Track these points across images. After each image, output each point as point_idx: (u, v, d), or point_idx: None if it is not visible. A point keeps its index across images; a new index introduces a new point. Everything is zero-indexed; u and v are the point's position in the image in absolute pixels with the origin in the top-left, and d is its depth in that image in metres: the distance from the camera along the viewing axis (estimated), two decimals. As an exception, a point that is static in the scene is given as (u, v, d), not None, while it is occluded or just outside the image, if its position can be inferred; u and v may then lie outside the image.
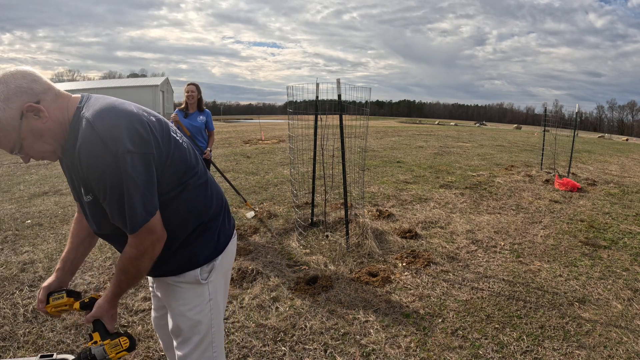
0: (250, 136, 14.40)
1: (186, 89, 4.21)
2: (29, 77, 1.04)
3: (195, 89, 4.23)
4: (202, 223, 1.30)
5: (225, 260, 1.38)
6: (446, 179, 7.11)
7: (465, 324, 2.58)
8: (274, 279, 3.16)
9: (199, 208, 1.28)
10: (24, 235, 4.12)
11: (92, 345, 1.17)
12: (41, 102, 1.05)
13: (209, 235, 1.32)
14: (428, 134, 17.19)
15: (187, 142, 1.31)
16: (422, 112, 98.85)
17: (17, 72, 1.04)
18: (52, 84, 1.10)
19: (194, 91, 4.21)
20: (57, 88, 1.11)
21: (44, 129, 1.06)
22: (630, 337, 2.46)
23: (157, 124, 1.15)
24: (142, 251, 1.13)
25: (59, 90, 1.11)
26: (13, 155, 10.97)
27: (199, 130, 4.25)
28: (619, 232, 4.47)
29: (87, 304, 1.28)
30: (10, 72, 1.03)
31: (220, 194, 1.39)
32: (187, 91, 4.20)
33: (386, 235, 4.14)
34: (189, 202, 1.24)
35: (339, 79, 3.49)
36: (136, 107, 1.15)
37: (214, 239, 1.33)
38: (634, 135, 52.35)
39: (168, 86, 43.56)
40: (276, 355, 2.26)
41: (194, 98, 4.21)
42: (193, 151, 1.30)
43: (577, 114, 8.35)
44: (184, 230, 1.27)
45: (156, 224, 1.13)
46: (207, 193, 1.31)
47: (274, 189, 6.14)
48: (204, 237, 1.31)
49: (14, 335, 2.38)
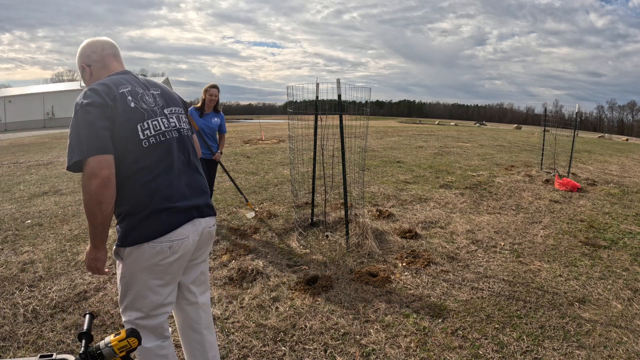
0: (250, 136, 14.40)
1: (210, 92, 4.15)
2: (94, 47, 1.58)
3: (218, 93, 4.22)
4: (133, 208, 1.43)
5: (146, 259, 1.43)
6: (446, 179, 7.11)
7: (465, 324, 2.58)
8: (274, 279, 3.16)
9: (135, 180, 1.42)
10: (24, 235, 4.12)
11: (100, 342, 1.17)
12: (91, 66, 1.58)
13: (133, 223, 1.42)
14: (428, 134, 17.19)
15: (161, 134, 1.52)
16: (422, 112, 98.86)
17: (91, 42, 1.59)
18: (109, 59, 1.59)
19: (217, 95, 4.20)
20: (112, 63, 1.59)
21: (88, 80, 1.59)
22: (630, 337, 2.46)
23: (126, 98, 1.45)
24: (87, 193, 1.32)
25: (111, 64, 1.59)
26: (13, 155, 10.95)
27: (213, 132, 4.25)
28: (619, 232, 4.47)
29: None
30: (90, 41, 1.60)
31: (159, 194, 1.45)
32: (211, 94, 4.15)
33: (386, 235, 4.14)
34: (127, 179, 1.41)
35: (339, 79, 3.49)
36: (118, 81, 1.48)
37: (135, 229, 1.42)
38: (634, 135, 52.35)
39: (168, 86, 43.55)
40: (276, 355, 2.26)
41: (214, 102, 4.21)
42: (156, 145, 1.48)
43: (577, 114, 8.35)
44: (122, 204, 1.43)
45: (96, 168, 1.30)
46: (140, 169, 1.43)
47: (274, 189, 6.14)
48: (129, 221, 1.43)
49: (14, 335, 2.38)
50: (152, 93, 1.58)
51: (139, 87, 1.54)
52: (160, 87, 1.66)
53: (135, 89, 1.51)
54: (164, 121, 1.53)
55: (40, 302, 2.78)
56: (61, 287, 2.99)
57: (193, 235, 1.52)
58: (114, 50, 1.61)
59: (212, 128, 4.19)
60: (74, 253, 3.64)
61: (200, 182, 1.63)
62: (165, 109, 1.59)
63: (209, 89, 4.16)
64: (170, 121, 1.57)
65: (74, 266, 3.36)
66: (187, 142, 1.62)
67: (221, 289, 3.00)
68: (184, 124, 1.65)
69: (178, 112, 1.65)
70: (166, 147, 1.50)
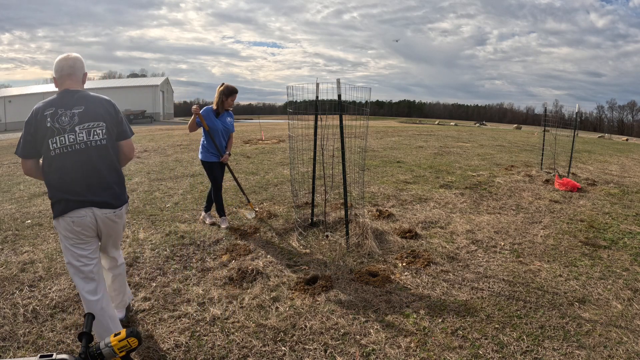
0: (250, 136, 14.39)
1: (233, 97, 4.12)
2: (57, 67, 2.13)
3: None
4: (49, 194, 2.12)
5: (63, 226, 2.08)
6: (446, 179, 7.11)
7: (465, 324, 2.58)
8: (274, 279, 3.16)
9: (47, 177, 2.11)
10: (24, 235, 4.12)
11: (100, 342, 1.17)
12: (55, 79, 2.15)
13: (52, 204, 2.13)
14: (428, 134, 17.19)
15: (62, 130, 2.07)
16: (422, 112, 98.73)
17: (58, 61, 2.13)
18: (63, 79, 2.13)
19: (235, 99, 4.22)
20: (65, 81, 2.14)
21: (55, 85, 2.16)
22: (630, 337, 2.46)
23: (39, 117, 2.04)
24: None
25: (64, 83, 2.14)
26: (13, 155, 10.88)
27: (228, 131, 4.24)
28: (619, 232, 4.47)
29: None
30: (59, 59, 2.14)
31: (59, 190, 2.08)
32: (233, 99, 4.13)
33: (386, 235, 4.15)
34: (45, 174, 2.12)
35: (339, 79, 3.49)
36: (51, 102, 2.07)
37: (53, 208, 2.12)
38: (634, 135, 52.30)
39: (168, 86, 43.54)
40: (276, 355, 2.26)
41: (232, 105, 4.23)
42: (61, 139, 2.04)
43: (577, 114, 8.35)
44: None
45: (22, 165, 2.15)
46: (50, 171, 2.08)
47: (274, 189, 6.14)
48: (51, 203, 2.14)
49: (14, 335, 2.38)
50: (73, 112, 2.07)
51: (62, 108, 2.06)
52: (86, 104, 2.11)
53: (57, 110, 2.04)
54: (70, 137, 2.04)
55: (40, 302, 2.78)
56: (61, 287, 2.99)
57: (90, 218, 2.09)
58: (70, 71, 2.12)
59: (227, 128, 4.20)
60: (74, 253, 3.64)
61: (101, 182, 2.13)
62: (77, 125, 2.06)
63: (232, 94, 4.11)
64: (78, 136, 2.06)
65: (74, 266, 3.36)
66: (91, 152, 2.09)
67: (221, 289, 3.00)
68: (96, 135, 2.11)
69: (93, 126, 2.11)
70: (68, 156, 2.04)
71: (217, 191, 4.26)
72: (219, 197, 4.30)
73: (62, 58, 2.11)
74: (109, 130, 2.15)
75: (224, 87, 4.08)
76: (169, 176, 7.09)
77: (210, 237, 4.02)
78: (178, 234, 4.11)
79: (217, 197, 4.29)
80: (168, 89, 43.28)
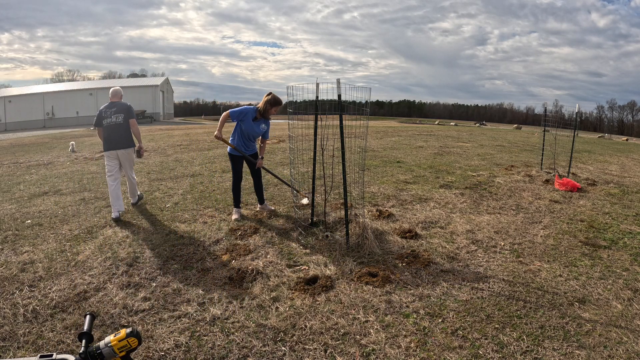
0: (250, 136, 14.39)
1: (276, 107, 4.33)
2: (110, 94, 4.98)
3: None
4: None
5: (106, 155, 4.77)
6: (446, 179, 7.11)
7: (465, 324, 2.58)
8: (274, 279, 3.16)
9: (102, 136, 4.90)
10: (24, 235, 4.13)
11: (100, 342, 1.17)
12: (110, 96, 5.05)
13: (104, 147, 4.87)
14: (428, 134, 17.18)
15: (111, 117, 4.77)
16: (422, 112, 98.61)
17: (112, 90, 5.00)
18: (111, 97, 4.98)
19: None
20: (112, 99, 4.94)
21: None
22: (630, 337, 2.46)
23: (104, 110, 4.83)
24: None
25: (111, 100, 4.94)
26: (13, 155, 10.96)
27: (256, 136, 4.50)
28: (619, 232, 4.47)
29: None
30: (112, 89, 5.01)
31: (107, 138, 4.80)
32: (276, 110, 4.34)
33: (386, 235, 4.14)
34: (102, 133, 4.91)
35: (339, 79, 3.49)
36: (106, 106, 4.87)
37: (104, 146, 4.83)
38: (634, 135, 52.27)
39: (168, 86, 43.55)
40: (276, 355, 2.26)
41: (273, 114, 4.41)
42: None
43: (577, 114, 8.34)
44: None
45: (98, 131, 4.90)
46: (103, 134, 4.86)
47: (274, 189, 6.14)
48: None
49: (14, 335, 2.38)
50: (112, 110, 4.73)
51: (108, 108, 4.76)
52: (117, 106, 4.77)
53: (106, 109, 4.76)
54: (111, 118, 4.71)
55: (40, 302, 2.78)
56: (61, 287, 2.99)
57: (114, 153, 4.72)
58: (114, 94, 4.91)
59: (257, 133, 4.44)
60: (74, 253, 3.64)
61: (121, 136, 4.72)
62: (113, 115, 4.71)
63: (277, 104, 4.33)
64: (111, 118, 4.71)
65: (74, 266, 3.37)
66: (118, 125, 4.72)
67: (221, 289, 3.00)
68: (120, 119, 4.72)
69: (118, 114, 4.72)
70: (109, 127, 4.71)
71: (237, 182, 4.60)
72: (237, 188, 4.63)
73: (113, 90, 4.93)
74: (125, 117, 4.75)
75: (271, 97, 4.31)
76: (169, 176, 7.10)
77: (210, 237, 4.02)
78: (178, 234, 4.11)
79: (236, 188, 4.63)
80: (168, 89, 43.29)
